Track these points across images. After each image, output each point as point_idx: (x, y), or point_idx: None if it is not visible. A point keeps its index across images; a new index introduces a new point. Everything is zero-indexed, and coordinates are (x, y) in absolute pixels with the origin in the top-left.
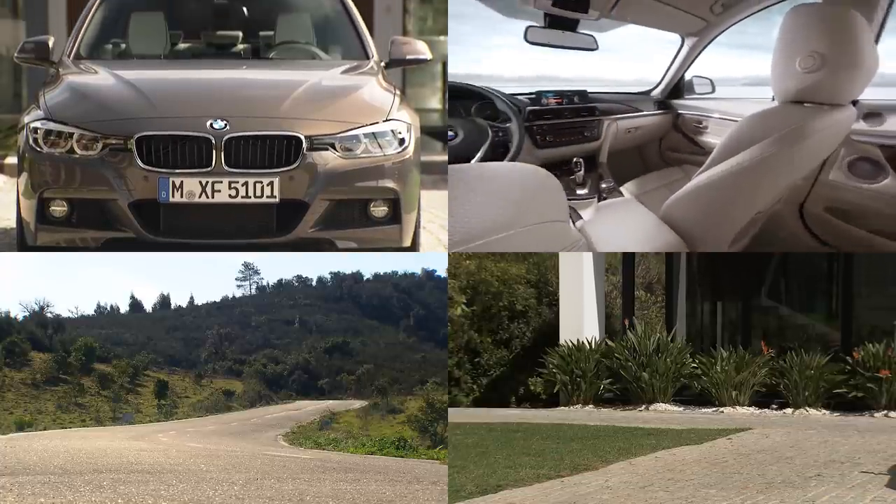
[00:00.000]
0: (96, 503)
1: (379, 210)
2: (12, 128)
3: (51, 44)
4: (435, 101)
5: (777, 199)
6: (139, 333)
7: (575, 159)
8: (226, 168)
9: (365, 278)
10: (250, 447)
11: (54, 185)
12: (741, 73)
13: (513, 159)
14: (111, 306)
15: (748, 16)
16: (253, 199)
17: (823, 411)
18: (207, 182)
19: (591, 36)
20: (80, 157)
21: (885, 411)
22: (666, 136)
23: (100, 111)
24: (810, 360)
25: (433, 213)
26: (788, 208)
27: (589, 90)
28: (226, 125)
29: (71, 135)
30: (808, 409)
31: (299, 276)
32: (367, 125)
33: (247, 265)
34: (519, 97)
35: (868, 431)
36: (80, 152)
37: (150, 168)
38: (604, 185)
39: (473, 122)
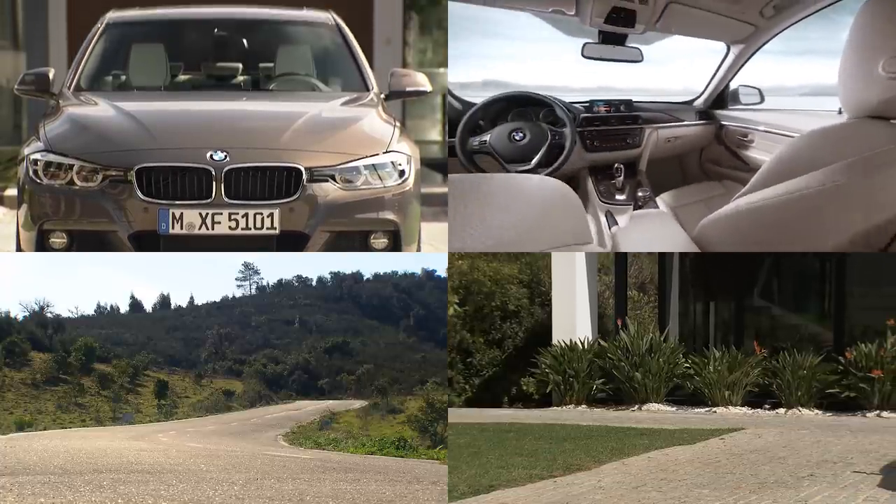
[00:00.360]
0: (96, 503)
1: (379, 242)
2: (12, 160)
3: (51, 75)
4: (435, 133)
5: (848, 242)
6: (139, 333)
7: (616, 165)
8: (226, 200)
9: (365, 278)
10: (250, 447)
11: (54, 216)
12: (797, 81)
13: (564, 161)
14: (111, 306)
15: (804, 18)
16: (253, 231)
17: (816, 411)
18: (207, 214)
19: (637, 48)
20: (80, 189)
21: (878, 411)
22: (707, 148)
23: (100, 143)
24: (803, 360)
25: (433, 245)
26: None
27: (637, 99)
28: (226, 157)
29: (71, 166)
30: (800, 409)
31: (299, 276)
32: (367, 157)
33: (247, 265)
34: (577, 105)
35: (860, 431)
36: (80, 184)
37: (150, 199)
38: (640, 194)
39: (539, 126)
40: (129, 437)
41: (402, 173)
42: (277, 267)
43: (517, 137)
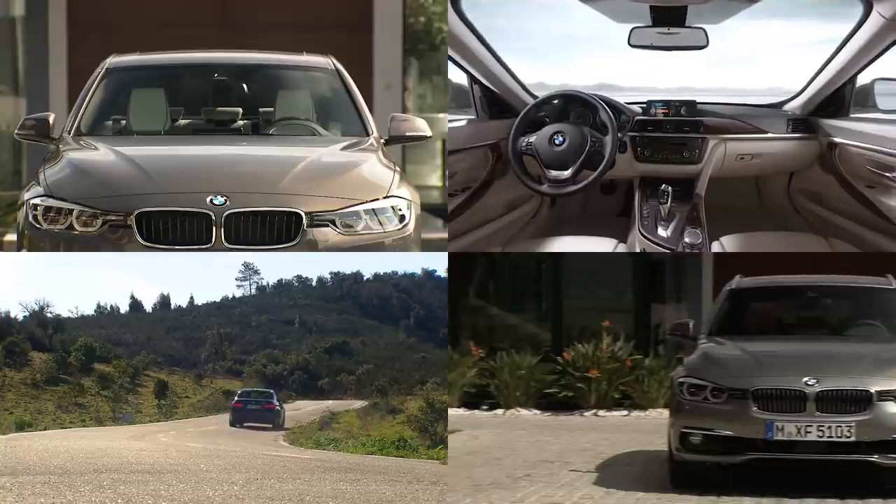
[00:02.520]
0: (96, 503)
1: None
2: (12, 205)
3: (51, 120)
4: (435, 178)
5: None
6: (139, 333)
7: (663, 186)
8: (226, 244)
9: (365, 278)
10: (250, 447)
11: None
12: None
13: (603, 172)
14: (111, 306)
15: None
16: None
17: (534, 411)
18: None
19: (701, 29)
20: (80, 234)
21: (594, 410)
22: (802, 174)
23: (99, 187)
24: (521, 361)
25: None
26: None
27: (705, 100)
28: (226, 201)
29: (70, 211)
30: (518, 409)
31: (299, 276)
32: (367, 202)
33: (247, 265)
34: (632, 106)
35: (578, 430)
36: (80, 229)
37: (149, 244)
38: (688, 239)
39: (580, 130)
40: (129, 437)
41: (402, 218)
42: (277, 267)
43: (557, 141)
